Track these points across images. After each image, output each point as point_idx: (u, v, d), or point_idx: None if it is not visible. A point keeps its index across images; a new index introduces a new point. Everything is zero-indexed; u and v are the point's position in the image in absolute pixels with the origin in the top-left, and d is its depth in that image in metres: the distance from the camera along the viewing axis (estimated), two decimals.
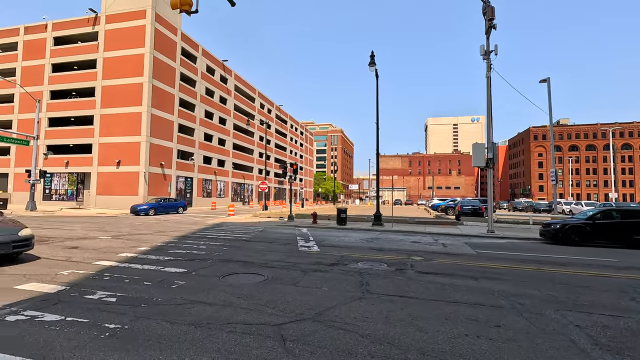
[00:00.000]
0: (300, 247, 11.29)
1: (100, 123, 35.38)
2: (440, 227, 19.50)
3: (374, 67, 19.67)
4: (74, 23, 37.34)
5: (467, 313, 4.98)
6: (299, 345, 3.76)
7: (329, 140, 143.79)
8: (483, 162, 16.84)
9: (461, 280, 6.99)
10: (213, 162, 46.21)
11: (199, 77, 43.41)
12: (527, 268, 8.46)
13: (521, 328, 4.45)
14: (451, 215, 31.55)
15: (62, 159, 36.23)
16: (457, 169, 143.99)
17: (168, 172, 37.27)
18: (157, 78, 35.49)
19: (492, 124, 17.11)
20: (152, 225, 18.00)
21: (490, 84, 17.19)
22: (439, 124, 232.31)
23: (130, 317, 4.49)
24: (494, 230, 16.68)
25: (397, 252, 10.52)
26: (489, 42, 17.00)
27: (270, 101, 65.96)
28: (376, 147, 20.84)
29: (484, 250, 11.37)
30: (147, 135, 34.01)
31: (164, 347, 3.64)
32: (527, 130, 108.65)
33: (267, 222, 21.06)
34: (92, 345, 3.64)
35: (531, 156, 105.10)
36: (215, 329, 4.15)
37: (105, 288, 5.83)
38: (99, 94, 35.61)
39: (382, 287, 6.32)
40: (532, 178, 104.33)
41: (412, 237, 14.74)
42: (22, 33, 39.10)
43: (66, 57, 37.21)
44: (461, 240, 13.97)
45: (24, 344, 3.65)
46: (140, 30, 34.85)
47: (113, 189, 34.12)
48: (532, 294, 6.06)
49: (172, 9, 7.32)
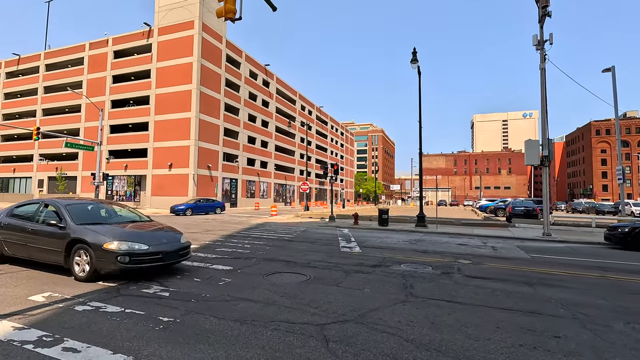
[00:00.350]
0: (341, 247, 11.26)
1: (154, 129, 37.95)
2: (490, 229, 18.47)
3: (416, 64, 19.14)
4: (130, 37, 40.44)
5: (522, 322, 4.64)
6: (342, 347, 3.73)
7: (369, 140, 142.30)
8: (537, 160, 15.69)
9: (514, 286, 6.55)
10: (256, 164, 47.65)
11: (243, 82, 44.99)
12: (590, 275, 7.74)
13: (585, 340, 4.06)
14: (501, 217, 29.76)
15: (121, 163, 39.38)
16: (507, 167, 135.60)
17: (215, 174, 39.03)
18: (204, 85, 37.34)
19: (547, 119, 15.89)
20: (200, 224, 18.93)
21: (545, 76, 15.98)
22: (486, 120, 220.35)
23: (181, 312, 4.74)
24: (550, 233, 15.47)
25: (443, 255, 10.11)
26: (542, 31, 15.82)
27: (310, 103, 66.67)
28: (419, 146, 20.25)
29: (539, 255, 10.58)
30: (195, 139, 35.90)
31: (212, 341, 3.79)
32: (588, 125, 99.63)
33: (308, 223, 21.28)
34: (148, 337, 3.88)
35: (593, 153, 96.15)
36: (259, 326, 4.25)
37: (159, 283, 6.20)
38: (153, 102, 38.22)
39: (427, 291, 6.10)
40: (594, 177, 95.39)
41: (458, 240, 14.11)
42: (87, 49, 43.06)
43: (124, 69, 40.41)
44: (513, 244, 13.13)
45: (90, 331, 3.99)
46: (188, 40, 36.91)
47: (166, 190, 36.42)
48: (598, 304, 5.52)
49: (218, 17, 7.64)
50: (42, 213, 7.06)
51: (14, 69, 48.88)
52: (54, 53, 45.73)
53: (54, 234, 6.54)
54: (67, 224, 6.50)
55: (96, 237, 6.14)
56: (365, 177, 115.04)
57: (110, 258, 5.92)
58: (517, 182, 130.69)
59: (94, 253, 6.02)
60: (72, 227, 6.43)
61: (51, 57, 45.74)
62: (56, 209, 6.88)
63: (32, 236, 6.82)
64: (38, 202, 7.42)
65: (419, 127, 20.17)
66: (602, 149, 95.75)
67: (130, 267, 6.01)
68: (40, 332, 3.92)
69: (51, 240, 6.55)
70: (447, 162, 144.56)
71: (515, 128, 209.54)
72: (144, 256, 6.14)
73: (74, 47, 44.33)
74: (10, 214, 7.51)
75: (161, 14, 38.92)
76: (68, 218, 6.60)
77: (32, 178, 45.88)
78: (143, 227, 7.17)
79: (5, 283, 5.99)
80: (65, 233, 6.40)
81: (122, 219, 7.64)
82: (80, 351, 3.49)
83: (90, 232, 6.28)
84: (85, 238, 6.17)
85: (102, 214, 7.58)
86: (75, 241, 6.30)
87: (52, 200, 7.24)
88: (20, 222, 7.18)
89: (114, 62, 41.15)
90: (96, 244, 6.06)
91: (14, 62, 48.85)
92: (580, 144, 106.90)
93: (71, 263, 6.29)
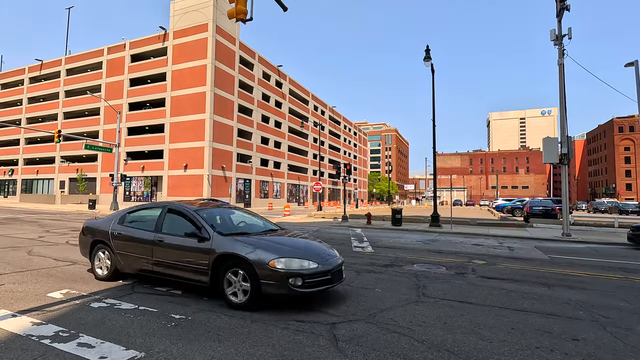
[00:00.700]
0: (354, 247, 11.20)
1: (170, 130, 38.66)
2: (506, 230, 18.07)
3: (429, 61, 18.90)
4: (147, 41, 41.31)
5: (538, 323, 4.51)
6: (351, 346, 3.70)
7: (382, 140, 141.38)
8: (556, 158, 15.28)
9: (531, 287, 6.37)
10: (269, 164, 47.96)
11: (256, 83, 45.36)
12: (612, 277, 7.47)
13: (605, 344, 3.90)
14: (519, 217, 29.09)
15: (138, 164, 40.27)
16: (524, 166, 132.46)
17: (229, 174, 39.48)
18: (218, 86, 37.82)
19: (566, 116, 15.44)
20: None
21: (564, 72, 15.53)
22: (503, 118, 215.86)
23: (193, 309, 4.80)
24: (570, 234, 15.02)
25: (457, 255, 9.94)
26: (560, 26, 15.39)
27: (323, 103, 66.69)
28: (433, 145, 19.98)
29: (558, 256, 10.28)
30: (210, 140, 36.41)
31: (222, 339, 3.82)
32: (610, 122, 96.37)
33: (321, 222, 21.28)
34: (160, 333, 3.94)
35: (615, 151, 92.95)
36: (270, 325, 4.26)
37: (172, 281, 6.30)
38: (169, 104, 38.95)
39: (440, 291, 5.99)
40: (617, 175, 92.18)
41: (473, 240, 13.84)
42: (106, 53, 44.21)
43: (141, 72, 41.31)
44: (531, 244, 12.80)
45: (105, 328, 4.08)
46: (203, 43, 37.45)
47: (182, 190, 37.05)
48: (619, 306, 5.32)
49: (229, 18, 7.71)
50: (167, 220, 5.88)
51: (37, 74, 50.64)
52: (74, 58, 47.15)
53: (192, 247, 5.28)
54: (210, 234, 5.25)
55: (256, 253, 4.86)
56: (379, 177, 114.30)
57: (280, 280, 4.66)
58: (536, 181, 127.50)
59: (258, 273, 4.75)
60: (217, 239, 5.16)
61: (71, 62, 47.17)
62: (188, 216, 5.70)
63: (158, 248, 5.61)
64: (158, 206, 6.26)
65: (432, 125, 19.92)
66: (625, 147, 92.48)
67: (302, 292, 4.72)
68: (57, 328, 4.03)
69: (188, 255, 5.31)
70: (463, 161, 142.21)
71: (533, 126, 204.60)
72: (315, 277, 4.84)
73: (93, 51, 45.59)
74: (124, 221, 6.35)
75: (176, 18, 39.63)
76: (208, 227, 5.35)
77: (54, 179, 47.42)
78: (290, 237, 5.81)
79: (27, 280, 6.19)
80: (209, 246, 5.13)
81: (260, 227, 6.26)
82: (94, 347, 3.57)
83: (244, 245, 5.02)
84: (241, 253, 4.88)
85: (237, 221, 6.30)
86: (226, 257, 5.02)
87: (178, 205, 6.07)
88: (138, 230, 6.01)
89: (131, 66, 42.11)
90: (259, 262, 4.78)
91: (37, 67, 50.61)
92: (602, 141, 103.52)
93: (222, 284, 5.03)
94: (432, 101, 19.94)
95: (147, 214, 6.32)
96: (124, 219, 6.38)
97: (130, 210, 6.53)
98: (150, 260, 5.69)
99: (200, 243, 5.23)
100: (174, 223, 5.81)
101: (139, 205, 6.67)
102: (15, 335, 3.81)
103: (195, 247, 5.25)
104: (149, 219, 6.13)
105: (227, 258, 5.02)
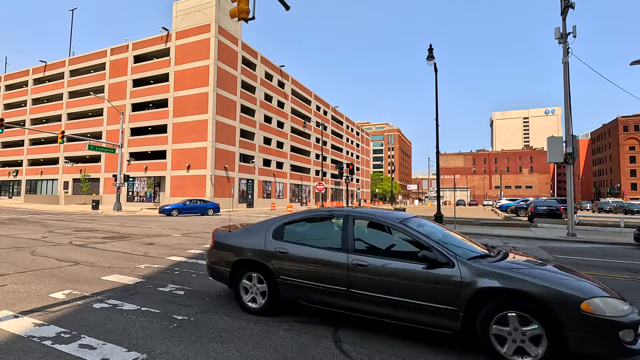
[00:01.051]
0: None
1: (173, 131, 38.75)
2: (510, 230, 17.95)
3: (432, 60, 18.80)
4: (149, 42, 41.43)
5: None
6: (356, 348, 3.64)
7: (385, 140, 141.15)
8: (561, 158, 15.15)
9: None
10: (272, 165, 47.97)
11: (258, 84, 45.39)
12: (619, 277, 7.37)
13: None
14: (523, 217, 28.90)
15: (141, 165, 40.39)
16: (528, 166, 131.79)
17: (231, 174, 39.52)
18: (221, 87, 37.87)
19: (570, 115, 15.31)
20: (220, 224, 19.15)
21: (568, 70, 15.40)
22: (506, 118, 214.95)
23: (195, 310, 4.76)
24: (575, 234, 14.88)
25: None
26: (565, 24, 15.26)
27: (325, 103, 66.66)
28: (436, 145, 19.88)
29: (563, 256, 10.17)
30: (212, 140, 36.45)
31: (225, 340, 3.78)
32: (615, 121, 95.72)
33: None
34: (162, 335, 3.90)
35: (620, 150, 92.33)
36: (273, 326, 4.21)
37: (175, 282, 6.27)
38: (171, 105, 39.05)
39: None
40: (622, 175, 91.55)
41: (477, 240, 13.74)
42: (109, 54, 44.40)
43: (144, 73, 41.44)
44: (535, 244, 12.69)
45: (106, 329, 4.05)
46: (205, 44, 37.51)
47: (184, 190, 37.12)
48: None
49: (231, 17, 7.68)
50: (358, 234, 4.31)
51: (41, 76, 50.96)
52: (77, 59, 47.39)
53: (424, 277, 3.67)
54: (452, 259, 3.64)
55: (559, 288, 3.25)
56: (382, 177, 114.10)
57: (606, 333, 3.04)
58: (540, 181, 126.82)
59: (568, 320, 3.11)
60: (466, 266, 3.57)
61: (75, 63, 47.42)
62: (398, 229, 4.12)
63: (359, 276, 3.99)
64: (333, 214, 4.69)
65: (435, 125, 19.82)
66: (630, 146, 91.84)
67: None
68: (59, 329, 4.00)
69: (418, 287, 3.68)
70: (466, 161, 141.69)
71: (536, 126, 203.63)
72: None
73: (96, 52, 45.80)
74: (282, 235, 4.74)
75: (179, 19, 39.73)
76: (441, 247, 3.79)
77: (58, 180, 47.69)
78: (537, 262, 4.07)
79: (29, 280, 6.18)
80: (456, 277, 3.52)
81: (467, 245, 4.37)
82: (96, 348, 3.54)
83: (517, 274, 3.42)
84: (526, 289, 3.26)
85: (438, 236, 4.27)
86: (493, 293, 3.41)
87: (368, 213, 4.54)
88: (314, 249, 4.38)
89: (134, 67, 42.25)
90: (565, 303, 3.17)
91: (41, 69, 50.93)
92: (606, 140, 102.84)
93: (487, 336, 3.37)
94: (435, 101, 19.84)
95: (318, 226, 4.83)
96: (281, 233, 4.77)
97: (286, 220, 4.89)
98: (344, 292, 4.07)
99: (433, 270, 3.65)
100: (372, 239, 4.34)
101: (294, 213, 5.02)
102: (17, 337, 3.78)
103: (429, 277, 3.64)
104: (325, 232, 4.69)
105: (494, 294, 3.42)
